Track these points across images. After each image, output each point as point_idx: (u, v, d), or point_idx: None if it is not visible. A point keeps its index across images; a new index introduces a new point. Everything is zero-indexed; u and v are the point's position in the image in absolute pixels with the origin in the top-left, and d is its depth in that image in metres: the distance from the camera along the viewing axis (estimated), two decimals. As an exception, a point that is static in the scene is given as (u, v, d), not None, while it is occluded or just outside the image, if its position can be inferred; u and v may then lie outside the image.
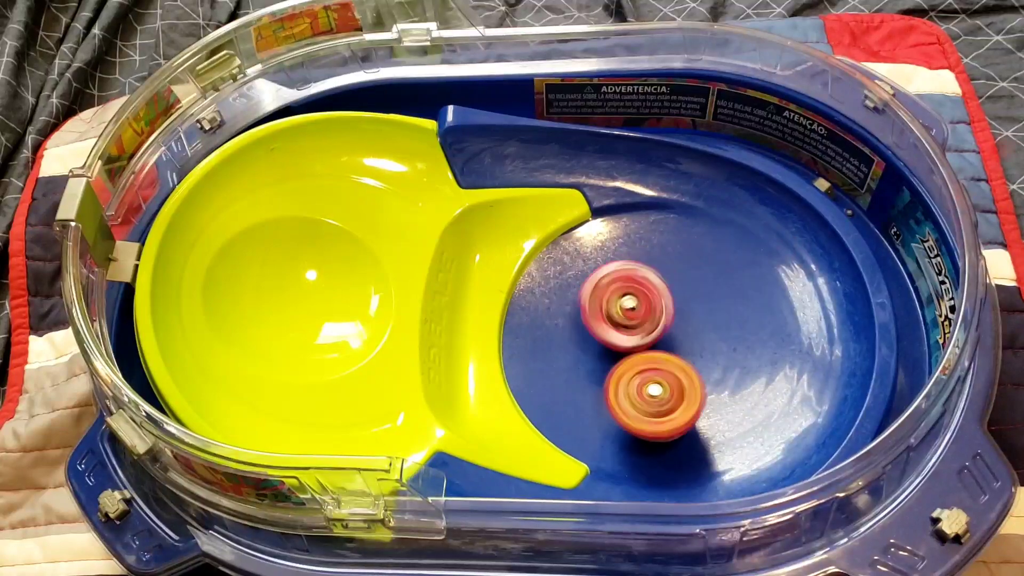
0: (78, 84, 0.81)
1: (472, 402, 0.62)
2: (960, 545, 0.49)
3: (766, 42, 0.63)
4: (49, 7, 0.86)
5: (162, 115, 0.64)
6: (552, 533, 0.51)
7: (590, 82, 0.66)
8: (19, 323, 0.71)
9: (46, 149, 0.77)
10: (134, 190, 0.63)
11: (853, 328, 0.60)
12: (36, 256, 0.72)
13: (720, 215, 0.66)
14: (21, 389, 0.68)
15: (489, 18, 0.82)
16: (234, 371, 0.61)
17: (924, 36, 0.75)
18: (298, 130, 0.65)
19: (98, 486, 0.57)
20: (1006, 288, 0.64)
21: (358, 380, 0.62)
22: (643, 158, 0.67)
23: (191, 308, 0.62)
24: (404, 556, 0.53)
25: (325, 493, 0.50)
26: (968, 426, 0.52)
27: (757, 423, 0.60)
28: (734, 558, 0.50)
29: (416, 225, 0.65)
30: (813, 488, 0.48)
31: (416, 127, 0.65)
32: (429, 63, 0.67)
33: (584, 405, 0.62)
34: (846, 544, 0.50)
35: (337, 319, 0.64)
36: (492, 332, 0.64)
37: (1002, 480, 0.51)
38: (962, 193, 0.54)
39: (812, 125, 0.64)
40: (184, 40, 0.83)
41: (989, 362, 0.54)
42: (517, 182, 0.67)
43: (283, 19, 0.65)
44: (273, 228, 0.65)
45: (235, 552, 0.54)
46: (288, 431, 0.60)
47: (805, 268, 0.64)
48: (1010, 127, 0.71)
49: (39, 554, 0.62)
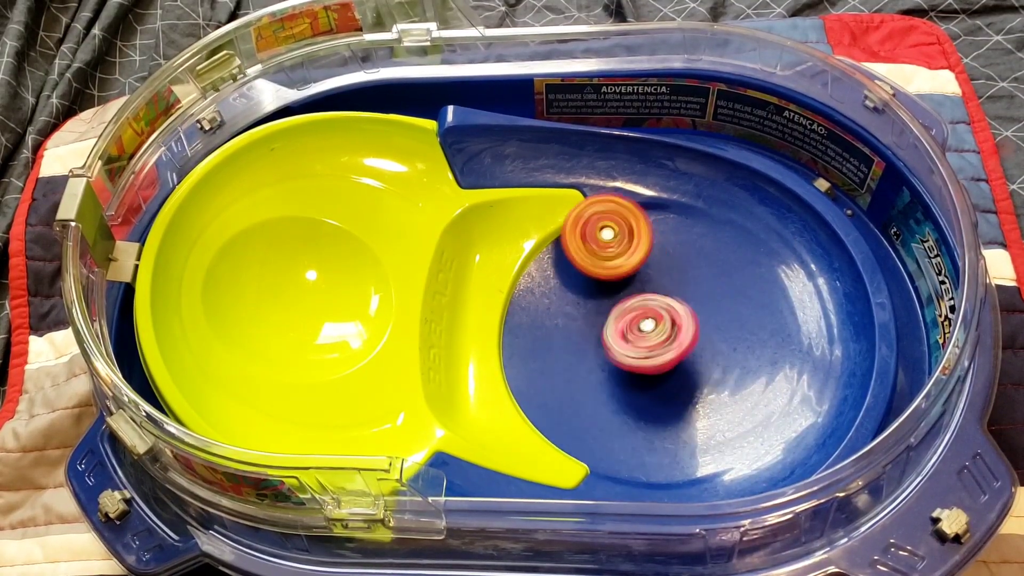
0: (78, 84, 0.82)
1: (472, 402, 0.62)
2: (960, 545, 0.49)
3: (766, 42, 0.63)
4: (49, 7, 0.86)
5: (162, 115, 0.64)
6: (552, 533, 0.51)
7: (590, 82, 0.66)
8: (19, 323, 0.71)
9: (46, 149, 0.77)
10: (134, 190, 0.63)
11: (853, 328, 0.60)
12: (36, 256, 0.72)
13: (720, 215, 0.66)
14: (21, 389, 0.68)
15: (489, 18, 0.82)
16: (234, 371, 0.61)
17: (924, 36, 0.75)
18: (298, 130, 0.65)
19: (98, 486, 0.57)
20: (1006, 288, 0.64)
21: (358, 380, 0.62)
22: (643, 158, 0.67)
23: (191, 308, 0.62)
24: (404, 556, 0.53)
25: (325, 493, 0.50)
26: (968, 426, 0.52)
27: (757, 423, 0.60)
28: (734, 558, 0.50)
29: (416, 225, 0.65)
30: (813, 488, 0.48)
31: (416, 127, 0.65)
32: (429, 63, 0.67)
33: (584, 405, 0.62)
34: (846, 544, 0.50)
35: (337, 319, 0.64)
36: (492, 332, 0.64)
37: (1002, 480, 0.51)
38: (962, 193, 0.54)
39: (812, 125, 0.64)
40: (184, 40, 0.83)
41: (989, 362, 0.54)
42: (517, 182, 0.67)
43: (283, 19, 0.65)
44: (273, 228, 0.65)
45: (235, 552, 0.54)
46: (288, 431, 0.60)
47: (805, 268, 0.64)
48: (1010, 127, 0.71)
49: (39, 554, 0.62)
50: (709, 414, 0.61)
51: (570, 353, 0.64)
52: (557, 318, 0.65)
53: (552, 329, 0.65)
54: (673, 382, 0.62)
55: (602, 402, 0.61)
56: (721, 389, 0.61)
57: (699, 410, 0.61)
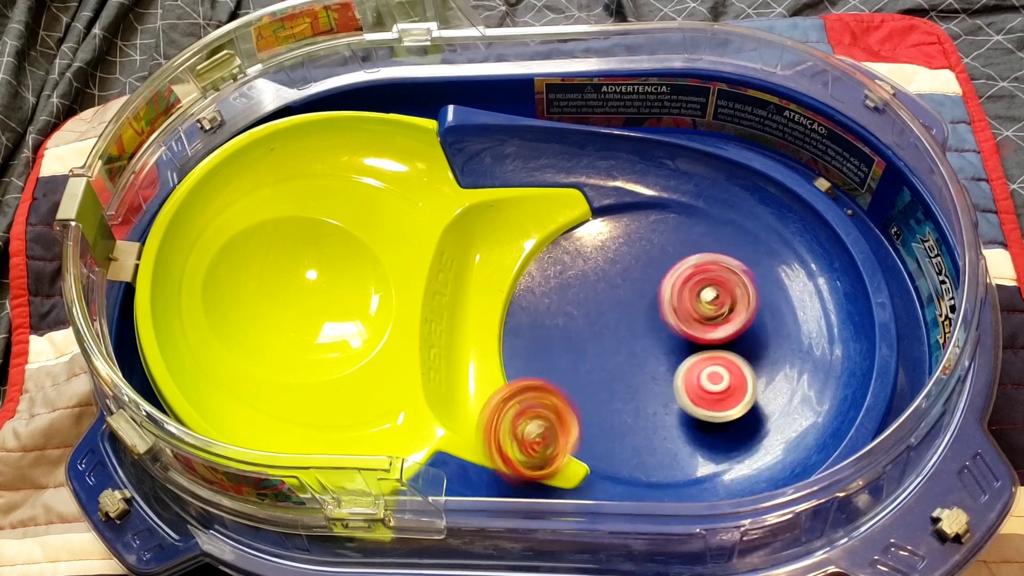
0: (78, 84, 0.81)
1: (472, 402, 0.62)
2: (960, 545, 0.49)
3: (766, 42, 0.63)
4: (50, 7, 0.86)
5: (162, 115, 0.64)
6: (552, 533, 0.51)
7: (590, 82, 0.66)
8: (19, 323, 0.71)
9: (46, 149, 0.77)
10: (134, 190, 0.63)
11: (853, 328, 0.60)
12: (36, 256, 0.72)
13: (720, 215, 0.66)
14: (21, 389, 0.68)
15: (489, 18, 0.82)
16: (234, 371, 0.61)
17: (924, 36, 0.75)
18: (298, 130, 0.65)
19: (98, 486, 0.57)
20: (1006, 288, 0.64)
21: (358, 380, 0.62)
22: (643, 158, 0.67)
23: (191, 308, 0.62)
24: (404, 556, 0.53)
25: (325, 493, 0.50)
26: (968, 426, 0.52)
27: (757, 423, 0.60)
28: (734, 558, 0.50)
29: (416, 225, 0.65)
30: (813, 488, 0.48)
31: (416, 127, 0.65)
32: (429, 63, 0.67)
33: (584, 405, 0.61)
34: (846, 544, 0.50)
35: (337, 319, 0.64)
36: (492, 332, 0.64)
37: (1002, 480, 0.51)
38: (962, 193, 0.54)
39: (812, 125, 0.64)
40: (184, 40, 0.83)
41: (989, 362, 0.54)
42: (517, 182, 0.67)
43: (283, 19, 0.65)
44: (273, 228, 0.65)
45: (235, 552, 0.54)
46: (288, 431, 0.60)
47: (805, 268, 0.64)
48: (1010, 127, 0.71)
49: (39, 554, 0.62)
50: (709, 414, 0.61)
51: (570, 353, 0.64)
52: (557, 318, 0.65)
53: (552, 329, 0.65)
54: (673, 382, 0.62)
55: (602, 402, 0.61)
56: (721, 389, 0.61)
57: (699, 410, 0.61)
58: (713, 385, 0.59)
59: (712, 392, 0.59)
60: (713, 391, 0.59)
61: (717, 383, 0.59)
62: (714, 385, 0.59)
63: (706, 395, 0.59)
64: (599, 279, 0.66)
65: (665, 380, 0.62)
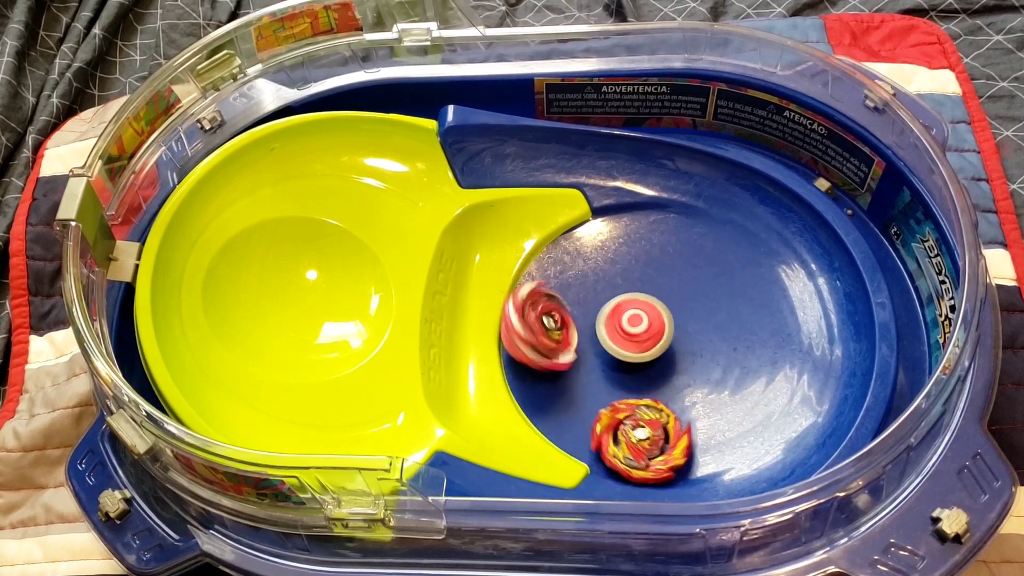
0: (78, 84, 0.82)
1: (472, 402, 0.62)
2: (960, 545, 0.49)
3: (766, 42, 0.63)
4: (50, 7, 0.86)
5: (162, 115, 0.64)
6: (552, 533, 0.51)
7: (590, 82, 0.66)
8: (19, 323, 0.71)
9: (46, 149, 0.77)
10: (134, 190, 0.63)
11: (853, 328, 0.60)
12: (36, 256, 0.72)
13: (720, 215, 0.66)
14: (21, 389, 0.68)
15: (489, 18, 0.82)
16: (234, 371, 0.61)
17: (924, 36, 0.75)
18: (298, 130, 0.65)
19: (98, 486, 0.57)
20: (1006, 288, 0.64)
21: (358, 380, 0.62)
22: (643, 158, 0.67)
23: (191, 308, 0.62)
24: (404, 556, 0.53)
25: (325, 493, 0.50)
26: (968, 426, 0.52)
27: (757, 423, 0.60)
28: (734, 558, 0.50)
29: (416, 225, 0.65)
30: (813, 488, 0.48)
31: (416, 127, 0.65)
32: (429, 63, 0.67)
33: (584, 405, 0.62)
34: (846, 544, 0.50)
35: (337, 319, 0.64)
36: (492, 332, 0.64)
37: (1002, 480, 0.51)
38: (962, 193, 0.54)
39: (812, 125, 0.64)
40: (184, 40, 0.83)
41: (989, 362, 0.54)
42: (517, 182, 0.67)
43: (283, 19, 0.65)
44: (273, 228, 0.65)
45: (235, 552, 0.54)
46: (288, 431, 0.60)
47: (805, 268, 0.64)
48: (1010, 127, 0.71)
49: (39, 554, 0.62)
50: (709, 414, 0.61)
51: (570, 353, 0.64)
52: (557, 318, 0.65)
53: (552, 329, 0.65)
54: (673, 382, 0.62)
55: (602, 402, 0.61)
56: (721, 389, 0.61)
57: (699, 410, 0.61)
58: (633, 328, 0.61)
59: (633, 334, 0.60)
60: (634, 333, 0.60)
61: (637, 325, 0.61)
62: (633, 328, 0.61)
63: (628, 336, 0.61)
64: (599, 279, 0.66)
65: (665, 381, 0.62)
